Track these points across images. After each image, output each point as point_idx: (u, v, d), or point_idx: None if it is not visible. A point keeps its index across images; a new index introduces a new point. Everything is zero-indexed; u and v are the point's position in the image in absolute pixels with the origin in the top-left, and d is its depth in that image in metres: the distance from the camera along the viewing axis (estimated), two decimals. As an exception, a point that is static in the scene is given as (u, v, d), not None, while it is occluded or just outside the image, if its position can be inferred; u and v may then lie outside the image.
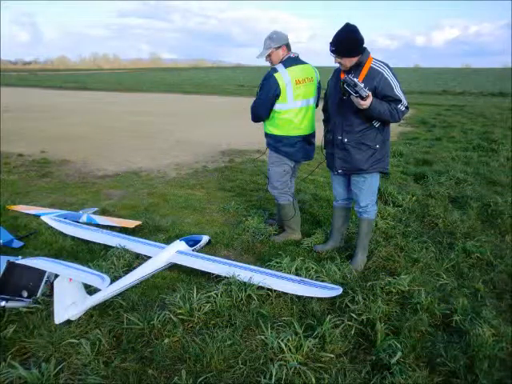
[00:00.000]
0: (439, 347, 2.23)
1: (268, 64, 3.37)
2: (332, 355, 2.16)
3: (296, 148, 3.41)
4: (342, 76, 2.86)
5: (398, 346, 2.15)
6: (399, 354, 2.09)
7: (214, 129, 10.75)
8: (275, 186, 3.55)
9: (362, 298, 2.57)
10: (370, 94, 2.67)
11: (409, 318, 2.44)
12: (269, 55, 3.30)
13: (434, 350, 2.23)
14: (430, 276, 3.01)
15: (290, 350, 2.14)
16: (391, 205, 4.50)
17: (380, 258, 3.25)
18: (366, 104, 2.68)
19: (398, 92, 2.80)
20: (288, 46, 3.31)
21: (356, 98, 2.67)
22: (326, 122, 3.30)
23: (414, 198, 4.73)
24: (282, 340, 2.18)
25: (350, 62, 2.80)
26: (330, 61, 2.92)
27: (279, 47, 3.26)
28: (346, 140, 2.99)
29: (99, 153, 7.49)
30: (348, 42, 2.75)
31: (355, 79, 2.64)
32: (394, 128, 9.73)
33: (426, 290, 2.73)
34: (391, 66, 2.85)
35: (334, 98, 3.01)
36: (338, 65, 2.92)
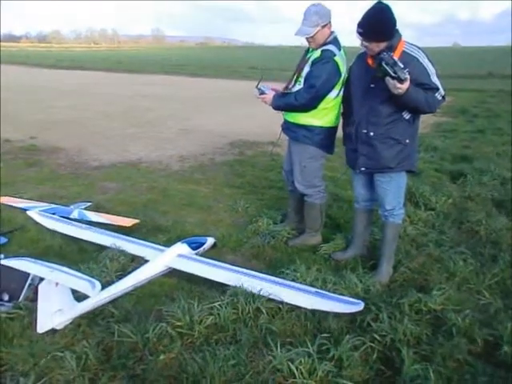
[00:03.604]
0: (481, 382, 2.15)
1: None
2: (350, 383, 2.11)
3: (332, 140, 3.47)
4: (370, 61, 2.81)
5: (431, 375, 2.08)
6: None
7: (222, 116, 10.73)
8: (314, 183, 3.53)
9: (387, 317, 2.51)
10: (409, 77, 2.59)
11: (443, 343, 2.36)
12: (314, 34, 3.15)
13: (474, 384, 2.15)
14: (469, 293, 2.92)
15: (301, 374, 2.09)
16: (422, 208, 4.41)
17: (408, 270, 3.19)
18: (403, 88, 2.59)
19: (435, 79, 2.75)
20: (331, 23, 3.20)
21: (393, 80, 2.58)
22: (345, 114, 3.28)
23: (450, 200, 4.64)
24: (293, 362, 2.14)
25: (377, 46, 2.74)
26: (350, 41, 2.86)
27: (326, 25, 3.15)
28: (371, 134, 2.94)
29: (94, 140, 7.55)
30: (378, 24, 2.68)
31: (395, 57, 2.56)
32: (427, 118, 9.52)
33: (464, 310, 2.65)
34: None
35: (359, 86, 2.97)
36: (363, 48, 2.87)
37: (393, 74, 2.56)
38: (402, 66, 2.56)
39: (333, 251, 3.49)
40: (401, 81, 2.57)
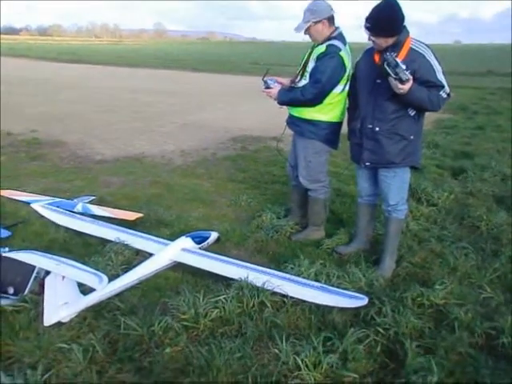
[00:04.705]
0: (483, 374, 2.15)
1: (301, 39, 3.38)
2: (355, 375, 2.12)
3: (337, 135, 3.48)
4: (377, 57, 2.82)
5: (434, 368, 2.09)
6: (435, 378, 2.03)
7: (225, 111, 10.71)
8: (318, 178, 3.54)
9: (391, 310, 2.52)
10: (411, 78, 2.61)
11: (445, 337, 2.37)
12: (307, 29, 3.21)
13: (477, 376, 2.15)
14: (471, 288, 2.93)
15: (307, 366, 2.10)
16: (425, 203, 4.42)
17: (411, 265, 3.21)
18: (404, 88, 2.63)
19: (441, 77, 2.76)
20: (331, 20, 3.20)
21: (395, 80, 2.61)
22: (350, 109, 3.28)
23: (452, 196, 4.64)
24: (299, 355, 2.15)
25: (385, 42, 2.75)
26: (355, 37, 2.87)
27: (319, 21, 3.16)
28: (377, 129, 2.94)
29: (97, 134, 7.53)
30: (386, 19, 2.69)
31: (397, 59, 2.58)
32: (429, 115, 9.44)
33: (466, 304, 2.67)
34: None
35: (366, 81, 2.98)
36: (370, 43, 2.89)
37: (393, 76, 2.59)
38: (405, 67, 2.58)
39: (336, 245, 3.50)
40: (402, 81, 2.59)
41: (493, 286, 2.95)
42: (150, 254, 3.10)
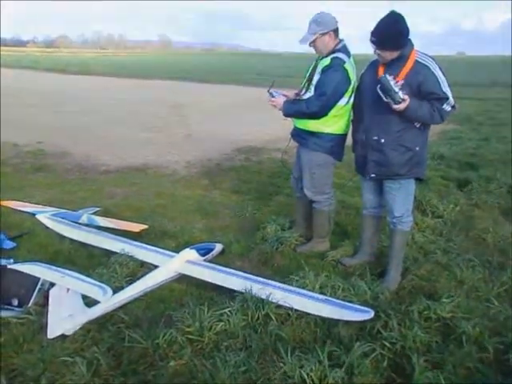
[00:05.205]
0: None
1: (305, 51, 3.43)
2: (362, 390, 2.10)
3: (342, 147, 3.49)
4: (381, 70, 2.85)
5: (442, 383, 2.06)
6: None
7: (229, 122, 10.75)
8: (323, 190, 3.55)
9: (397, 324, 2.50)
10: (407, 98, 2.66)
11: (453, 351, 2.35)
12: (313, 41, 3.23)
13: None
14: (478, 301, 2.91)
15: (312, 381, 2.09)
16: (430, 215, 4.41)
17: (416, 277, 3.18)
18: (399, 108, 2.70)
19: (446, 89, 2.78)
20: (336, 32, 3.24)
21: (387, 102, 2.69)
22: (355, 121, 3.30)
23: (457, 207, 4.62)
24: (304, 369, 2.13)
25: (390, 55, 2.79)
26: (359, 49, 2.89)
27: (325, 33, 3.19)
28: (382, 141, 2.95)
29: (102, 145, 7.57)
30: (391, 33, 2.73)
31: (391, 82, 2.63)
32: (434, 126, 9.44)
33: (474, 317, 2.64)
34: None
35: (370, 93, 2.99)
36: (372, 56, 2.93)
37: (385, 99, 2.68)
38: (398, 88, 2.64)
39: (341, 256, 3.49)
40: (396, 103, 2.66)
41: (500, 300, 2.93)
42: (155, 266, 3.10)
